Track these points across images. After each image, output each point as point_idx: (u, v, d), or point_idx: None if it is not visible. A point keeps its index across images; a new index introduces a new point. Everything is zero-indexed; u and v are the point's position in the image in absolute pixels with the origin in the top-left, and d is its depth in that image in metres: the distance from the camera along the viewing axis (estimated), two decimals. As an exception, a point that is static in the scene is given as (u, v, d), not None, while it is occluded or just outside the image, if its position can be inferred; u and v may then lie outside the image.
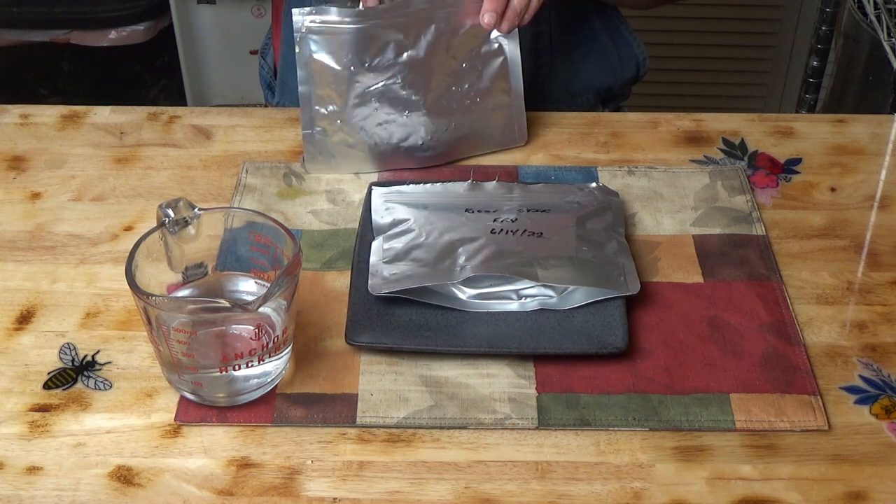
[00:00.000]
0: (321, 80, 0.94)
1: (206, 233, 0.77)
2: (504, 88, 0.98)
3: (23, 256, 0.88)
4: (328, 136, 0.96)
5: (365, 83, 0.94)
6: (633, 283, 0.82)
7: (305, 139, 0.96)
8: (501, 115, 0.99)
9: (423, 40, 0.94)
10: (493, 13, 0.94)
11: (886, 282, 0.86)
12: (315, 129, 0.95)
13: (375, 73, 0.94)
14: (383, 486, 0.70)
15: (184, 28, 2.17)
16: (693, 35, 2.22)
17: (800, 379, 0.77)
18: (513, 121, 1.00)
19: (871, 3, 1.63)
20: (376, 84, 0.94)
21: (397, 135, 0.96)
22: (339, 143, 0.96)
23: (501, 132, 1.00)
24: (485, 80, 0.97)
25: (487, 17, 0.94)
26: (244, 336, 0.74)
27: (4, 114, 1.06)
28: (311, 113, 0.95)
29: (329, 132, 0.96)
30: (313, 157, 0.96)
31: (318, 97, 0.95)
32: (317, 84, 0.94)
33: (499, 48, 0.97)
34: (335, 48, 0.93)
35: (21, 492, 0.70)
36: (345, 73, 0.94)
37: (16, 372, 0.78)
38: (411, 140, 0.96)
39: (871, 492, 0.70)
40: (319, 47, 0.93)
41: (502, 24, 0.95)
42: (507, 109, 0.99)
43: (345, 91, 0.94)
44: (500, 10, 0.94)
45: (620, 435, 0.74)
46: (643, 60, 1.21)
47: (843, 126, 1.05)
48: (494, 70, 0.98)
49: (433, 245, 0.85)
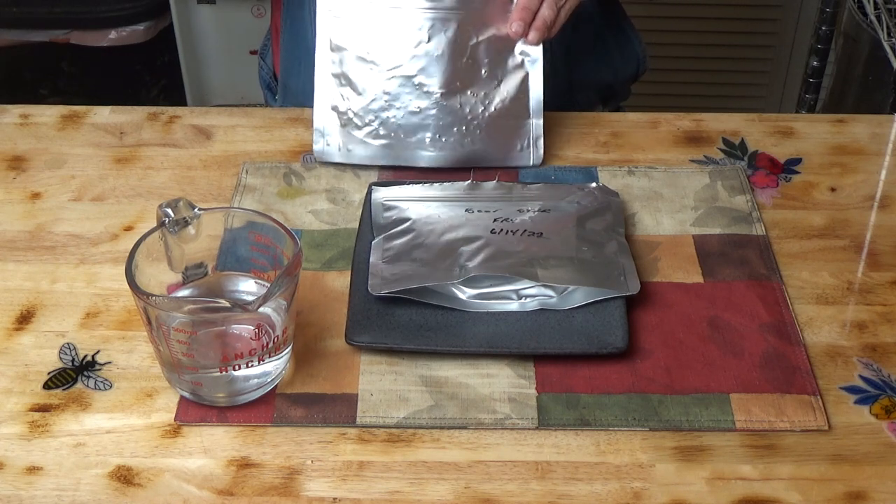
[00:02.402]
0: (338, 66, 0.95)
1: (206, 233, 0.77)
2: (522, 105, 0.97)
3: (23, 256, 0.88)
4: (339, 124, 0.96)
5: (380, 69, 0.95)
6: (633, 283, 0.82)
7: (316, 126, 0.97)
8: (517, 132, 0.98)
9: (444, 36, 0.94)
10: (521, 22, 0.93)
11: (886, 282, 0.86)
12: (327, 117, 0.96)
13: (392, 61, 0.94)
14: (383, 486, 0.70)
15: (184, 28, 2.17)
16: (693, 35, 2.22)
17: (800, 379, 0.77)
18: (529, 140, 0.98)
19: (871, 3, 1.63)
20: (391, 71, 0.95)
21: (406, 127, 0.96)
22: (349, 130, 0.96)
23: (516, 150, 0.98)
24: (503, 92, 0.96)
25: (516, 25, 0.94)
26: (244, 336, 0.74)
27: (4, 114, 1.06)
28: (324, 100, 0.96)
29: (341, 120, 0.96)
30: (321, 147, 0.97)
31: (335, 82, 0.95)
32: (333, 70, 0.95)
33: (521, 63, 0.96)
34: (356, 31, 0.94)
35: (21, 492, 0.70)
36: (362, 56, 0.94)
37: (16, 372, 0.78)
38: (420, 135, 0.96)
39: (871, 492, 0.70)
40: (341, 32, 0.94)
41: (530, 35, 0.94)
42: (524, 128, 0.97)
43: (360, 76, 0.95)
44: (529, 21, 0.94)
45: (620, 435, 0.74)
46: (644, 58, 1.21)
47: (843, 126, 1.05)
48: (515, 85, 0.96)
49: (433, 245, 0.85)
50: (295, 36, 1.15)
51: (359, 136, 0.96)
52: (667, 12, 2.17)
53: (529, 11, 0.94)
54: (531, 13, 0.94)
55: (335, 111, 0.96)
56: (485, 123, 0.97)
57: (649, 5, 2.12)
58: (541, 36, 0.95)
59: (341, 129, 0.96)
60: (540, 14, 0.94)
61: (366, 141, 0.96)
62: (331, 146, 0.97)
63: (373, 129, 0.96)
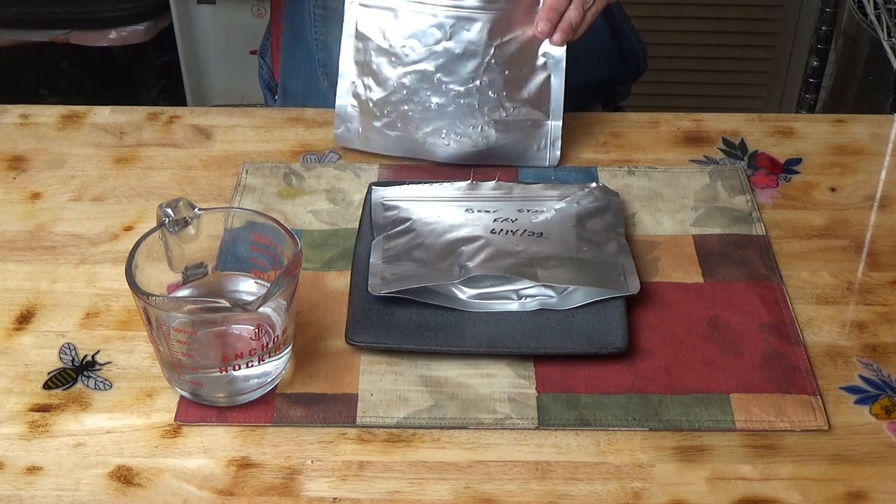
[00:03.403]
0: (361, 55, 0.96)
1: (206, 233, 0.77)
2: (543, 107, 0.97)
3: (23, 256, 0.88)
4: (359, 112, 0.97)
5: (403, 64, 0.95)
6: (633, 283, 0.82)
7: (338, 110, 0.98)
8: (535, 133, 0.98)
9: (467, 35, 0.94)
10: (548, 22, 0.93)
11: (886, 282, 0.86)
12: (349, 103, 0.97)
13: (414, 56, 0.94)
14: (383, 486, 0.70)
15: (184, 28, 2.17)
16: (693, 35, 2.22)
17: (800, 379, 0.77)
18: (547, 142, 0.98)
19: (871, 3, 1.63)
20: (413, 66, 0.95)
21: (424, 122, 0.96)
22: (368, 120, 0.97)
23: (533, 151, 0.98)
24: (524, 94, 0.96)
25: (542, 25, 0.93)
26: (244, 336, 0.74)
27: (4, 114, 1.06)
28: (347, 85, 0.97)
29: (361, 108, 0.97)
30: (342, 131, 0.98)
31: (357, 70, 0.96)
32: (356, 57, 0.96)
33: (544, 64, 0.96)
34: (381, 24, 0.95)
35: (21, 492, 0.70)
36: (386, 50, 0.95)
37: (16, 372, 0.78)
38: (437, 131, 0.96)
39: (871, 492, 0.70)
40: (366, 22, 0.95)
41: (555, 36, 0.94)
42: (543, 129, 0.97)
43: (382, 69, 0.95)
44: (556, 21, 0.94)
45: (620, 435, 0.74)
46: (643, 58, 1.21)
47: (843, 126, 1.05)
48: (536, 86, 0.96)
49: (433, 245, 0.85)
50: (295, 38, 1.15)
51: (377, 125, 0.97)
52: (667, 12, 2.17)
53: (556, 12, 0.94)
54: (558, 14, 0.94)
55: (357, 98, 0.97)
56: (503, 123, 0.96)
57: (649, 5, 2.12)
58: (566, 37, 0.94)
59: (361, 117, 0.97)
60: (566, 16, 0.94)
61: (384, 131, 0.97)
62: (350, 132, 0.98)
63: (390, 121, 0.96)
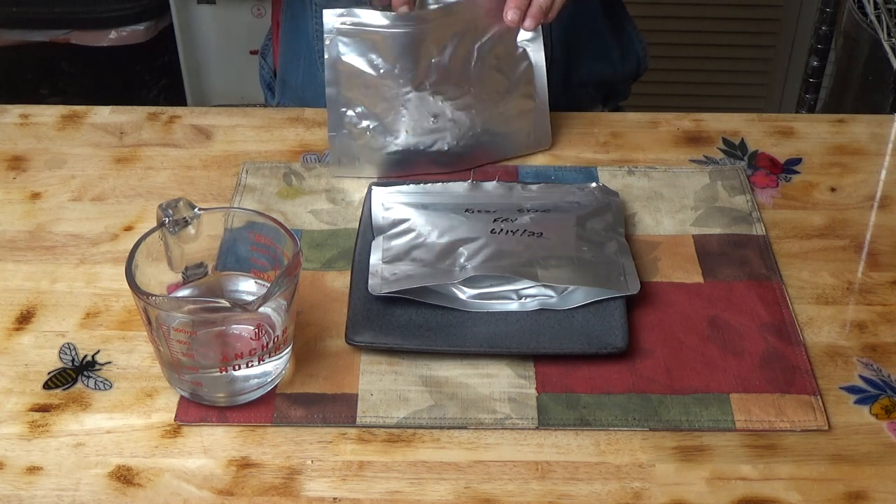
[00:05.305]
0: (349, 83, 0.94)
1: (206, 233, 0.77)
2: (529, 93, 0.98)
3: (23, 256, 0.88)
4: (354, 139, 0.95)
5: (393, 87, 0.93)
6: (633, 283, 0.82)
7: (331, 141, 0.95)
8: (526, 119, 0.98)
9: (452, 47, 0.93)
10: (516, 10, 0.92)
11: (886, 282, 0.86)
12: (341, 132, 0.95)
13: (404, 78, 0.93)
14: (383, 486, 0.70)
15: (184, 28, 2.17)
16: (693, 35, 2.22)
17: (800, 379, 0.77)
18: (537, 125, 0.99)
19: (871, 3, 1.63)
20: (405, 89, 0.94)
21: (424, 140, 0.96)
22: (365, 147, 0.95)
23: (526, 136, 0.99)
24: (510, 85, 0.96)
25: (511, 13, 0.93)
26: (244, 336, 0.74)
27: (4, 114, 1.06)
28: (337, 115, 0.95)
29: (355, 135, 0.95)
30: (339, 160, 0.96)
31: (346, 99, 0.94)
32: (344, 86, 0.94)
33: (523, 52, 0.96)
34: (365, 51, 0.93)
35: (21, 492, 0.70)
36: (374, 76, 0.93)
37: (16, 372, 0.78)
38: (437, 146, 0.96)
39: (871, 492, 0.70)
40: (349, 49, 0.93)
41: (526, 21, 0.93)
42: (532, 113, 0.98)
43: (373, 94, 0.94)
44: (524, 7, 0.93)
45: (620, 435, 0.74)
46: (644, 57, 1.21)
47: (843, 126, 1.05)
48: (519, 74, 0.97)
49: (433, 245, 0.85)
50: (295, 31, 1.14)
51: (375, 151, 0.95)
52: (667, 12, 2.17)
53: None
54: (526, 1, 0.93)
55: (349, 128, 0.95)
56: (497, 118, 0.97)
57: (650, 5, 2.12)
58: (536, 22, 0.94)
59: (356, 145, 0.95)
60: (535, 1, 0.94)
61: (383, 156, 0.96)
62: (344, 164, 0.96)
63: (389, 145, 0.95)
